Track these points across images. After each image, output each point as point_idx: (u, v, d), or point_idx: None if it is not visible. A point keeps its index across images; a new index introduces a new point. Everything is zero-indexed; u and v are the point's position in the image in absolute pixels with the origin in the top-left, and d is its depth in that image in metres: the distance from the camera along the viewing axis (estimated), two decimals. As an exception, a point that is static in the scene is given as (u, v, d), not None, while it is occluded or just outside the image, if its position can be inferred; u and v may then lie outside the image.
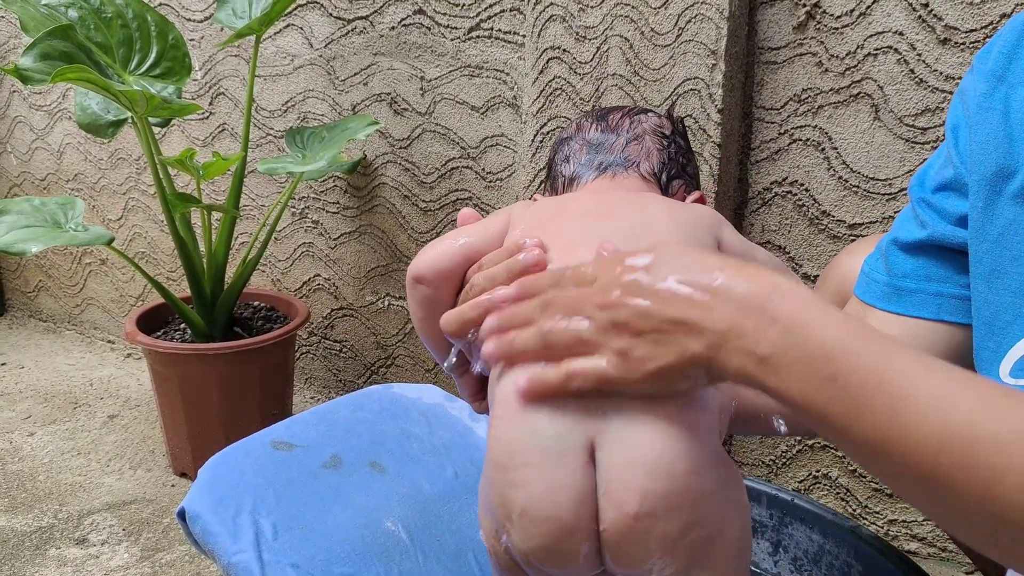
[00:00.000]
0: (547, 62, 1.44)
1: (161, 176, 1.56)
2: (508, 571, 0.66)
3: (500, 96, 1.61)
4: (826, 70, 1.32)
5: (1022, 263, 0.65)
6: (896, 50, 1.26)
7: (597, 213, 0.72)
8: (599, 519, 0.59)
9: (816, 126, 1.35)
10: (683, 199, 0.81)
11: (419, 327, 0.77)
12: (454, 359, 0.77)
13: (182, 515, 1.01)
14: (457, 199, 1.71)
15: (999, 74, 0.67)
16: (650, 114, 0.84)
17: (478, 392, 0.80)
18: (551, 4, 1.41)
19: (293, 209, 1.93)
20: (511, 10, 1.55)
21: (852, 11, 1.28)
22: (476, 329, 0.69)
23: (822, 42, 1.31)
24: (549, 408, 0.60)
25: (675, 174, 0.81)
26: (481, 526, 0.67)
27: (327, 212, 1.89)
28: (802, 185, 1.38)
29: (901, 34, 1.25)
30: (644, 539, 0.58)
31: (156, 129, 1.95)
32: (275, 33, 1.82)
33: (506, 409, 0.62)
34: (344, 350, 1.95)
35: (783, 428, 0.70)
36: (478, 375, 0.78)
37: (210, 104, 1.98)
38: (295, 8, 1.78)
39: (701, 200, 0.82)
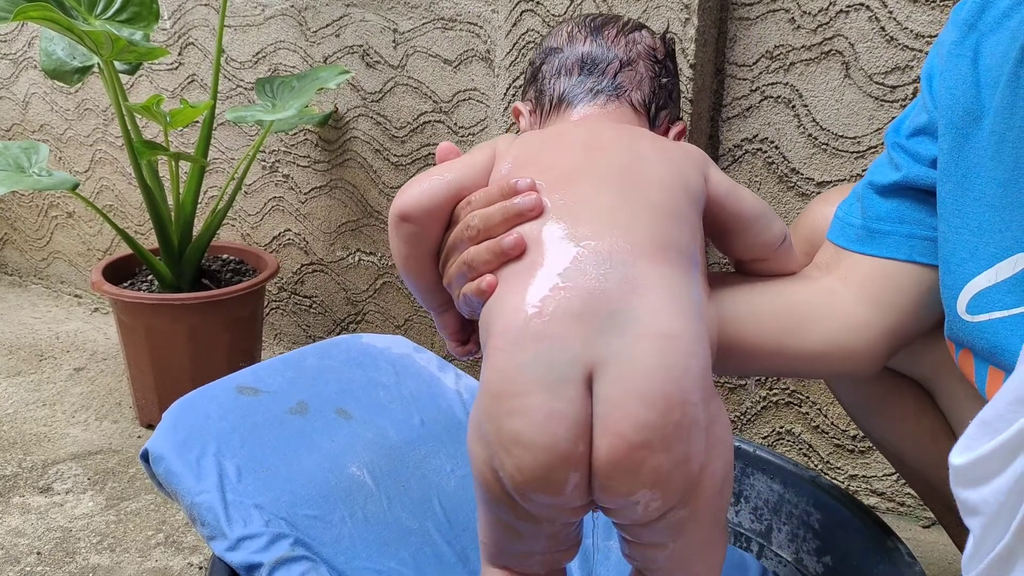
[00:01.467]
0: (520, 14, 1.43)
1: (128, 125, 1.54)
2: (496, 501, 0.66)
3: (473, 50, 1.60)
4: (798, 27, 1.32)
5: (983, 203, 0.67)
6: (868, 7, 1.26)
7: (589, 145, 0.72)
8: (592, 448, 0.60)
9: (787, 83, 1.35)
10: (667, 131, 0.82)
11: (403, 265, 0.75)
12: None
13: (145, 457, 1.01)
14: (429, 154, 1.70)
15: (971, 22, 0.71)
16: (644, 32, 0.83)
17: (458, 331, 0.79)
18: (525, -45, 1.40)
19: (263, 163, 1.91)
20: (485, -38, 1.54)
21: (825, -33, 1.28)
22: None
23: (795, -2, 1.31)
24: (549, 339, 0.60)
25: (663, 104, 0.82)
26: (472, 456, 0.67)
27: (298, 166, 1.87)
28: (772, 143, 1.38)
29: (873, -9, 1.25)
30: (636, 468, 0.59)
31: (124, 78, 1.92)
32: (246, -18, 1.80)
33: (505, 340, 0.62)
34: (314, 306, 1.94)
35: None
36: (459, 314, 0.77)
37: (179, 54, 1.95)
38: (266, -44, 1.75)
39: (683, 132, 0.83)
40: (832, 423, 1.44)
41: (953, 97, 0.71)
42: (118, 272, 1.72)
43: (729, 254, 0.82)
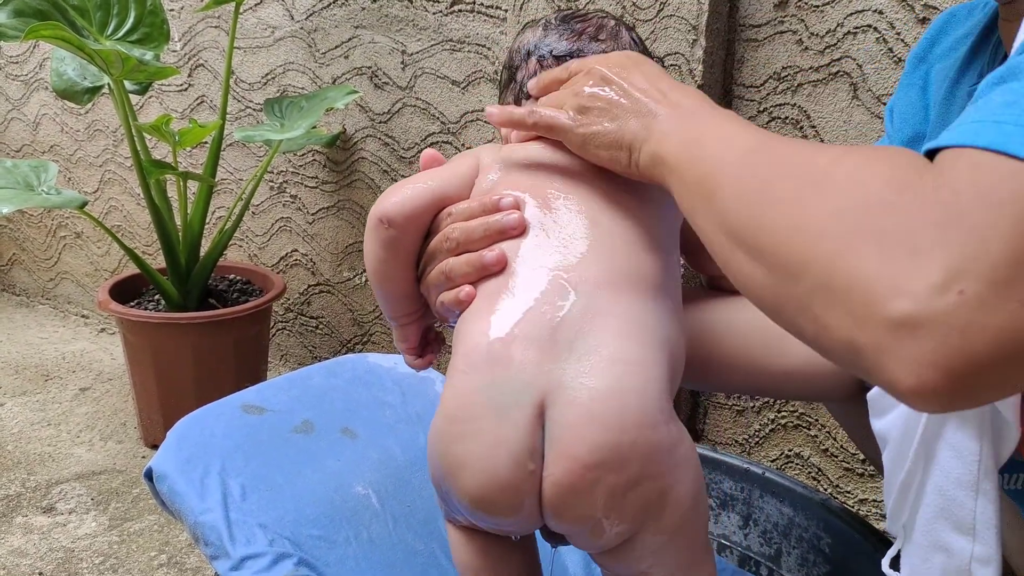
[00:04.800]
0: (529, 36, 1.44)
1: (138, 145, 1.54)
2: (451, 510, 0.66)
3: (481, 71, 1.60)
4: (806, 48, 1.32)
5: None
6: (875, 28, 1.26)
7: (572, 170, 0.70)
8: (544, 472, 0.59)
9: (795, 104, 1.35)
10: None
11: (377, 269, 0.74)
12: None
13: (149, 475, 1.00)
14: (436, 175, 1.70)
15: (921, 56, 0.79)
16: (626, 32, 0.79)
17: (416, 346, 0.79)
18: (534, -23, 1.41)
19: (271, 183, 1.92)
20: (494, -16, 1.55)
21: (833, -11, 1.28)
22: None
23: (802, 20, 1.31)
24: (506, 362, 0.60)
25: None
26: (430, 475, 0.67)
27: (305, 187, 1.87)
28: (780, 164, 1.38)
29: (880, 13, 1.25)
30: (590, 490, 0.58)
31: (134, 100, 1.93)
32: (256, 4, 1.81)
33: (466, 361, 0.62)
34: (320, 326, 1.94)
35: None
36: (423, 328, 0.77)
37: (189, 76, 1.96)
38: (276, -21, 1.76)
39: None
40: (841, 446, 1.42)
41: (905, 121, 0.77)
42: (125, 291, 1.72)
43: (703, 271, 0.82)
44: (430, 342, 0.79)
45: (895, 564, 0.68)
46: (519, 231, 0.66)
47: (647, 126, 0.61)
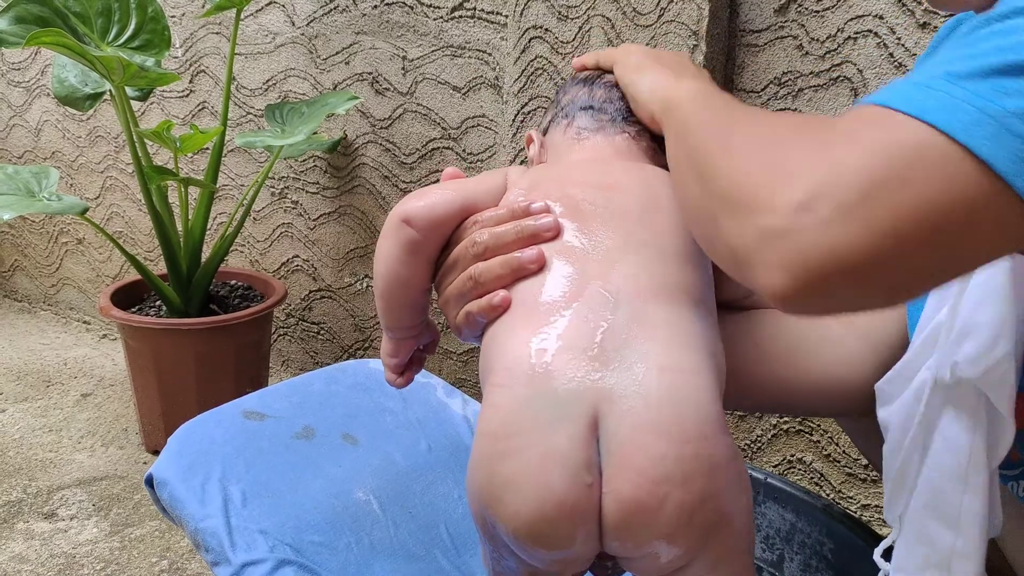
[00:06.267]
0: (529, 41, 1.44)
1: (139, 151, 1.55)
2: (497, 553, 0.61)
3: (482, 76, 1.60)
4: (806, 53, 1.32)
5: None
6: (876, 34, 1.26)
7: (605, 184, 0.69)
8: (603, 489, 0.55)
9: (796, 109, 1.35)
10: None
11: (390, 272, 0.70)
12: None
13: (150, 482, 1.00)
14: (438, 180, 1.70)
15: (943, 37, 0.78)
16: None
17: (403, 364, 0.77)
18: (534, -17, 1.41)
19: (272, 189, 1.92)
20: (494, -10, 1.55)
21: (833, -6, 1.28)
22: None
23: (803, 25, 1.31)
24: (553, 374, 0.57)
25: None
26: (469, 503, 0.62)
27: (306, 192, 1.88)
28: (781, 168, 1.38)
29: (881, 18, 1.26)
30: (658, 508, 0.54)
31: (136, 106, 1.93)
32: (257, 10, 1.81)
33: (507, 376, 0.59)
34: (322, 332, 1.94)
35: None
36: (415, 346, 0.76)
37: (190, 82, 1.96)
38: (278, -15, 1.77)
39: None
40: (844, 451, 1.42)
41: None
42: (127, 297, 1.73)
43: (726, 291, 0.80)
44: (413, 361, 0.77)
45: (888, 555, 0.68)
46: (553, 234, 0.63)
47: (664, 86, 0.70)
